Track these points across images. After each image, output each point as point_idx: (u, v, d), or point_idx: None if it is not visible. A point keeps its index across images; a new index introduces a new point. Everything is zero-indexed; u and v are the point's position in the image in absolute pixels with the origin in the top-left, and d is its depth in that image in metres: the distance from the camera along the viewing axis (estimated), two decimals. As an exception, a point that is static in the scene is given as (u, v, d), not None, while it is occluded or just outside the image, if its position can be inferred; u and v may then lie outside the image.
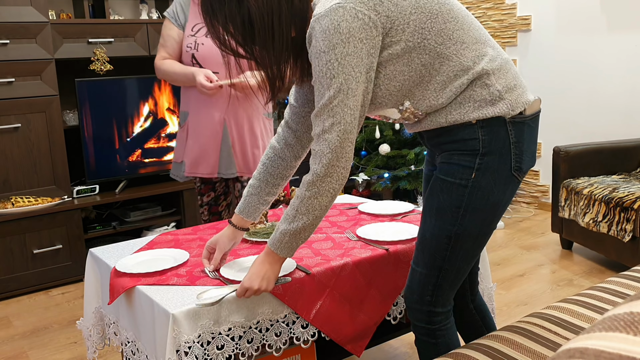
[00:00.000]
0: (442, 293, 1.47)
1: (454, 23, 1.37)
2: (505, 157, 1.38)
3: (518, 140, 1.39)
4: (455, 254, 1.42)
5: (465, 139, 1.38)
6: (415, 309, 1.49)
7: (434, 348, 1.50)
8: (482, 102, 1.35)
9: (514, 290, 2.89)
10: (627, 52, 3.70)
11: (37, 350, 2.53)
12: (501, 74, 1.37)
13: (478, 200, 1.39)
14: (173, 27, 2.45)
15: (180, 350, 1.36)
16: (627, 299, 0.76)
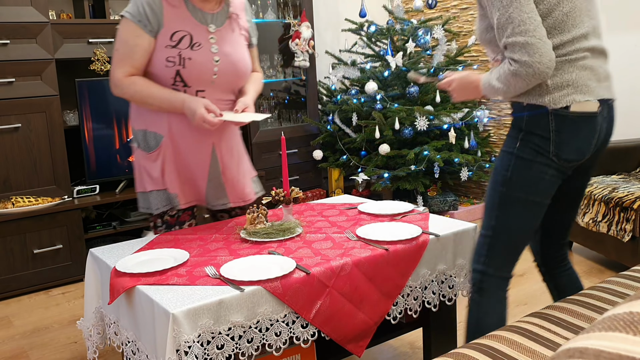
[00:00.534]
0: (495, 254, 1.68)
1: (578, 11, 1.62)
2: (545, 140, 1.61)
3: (559, 129, 1.60)
4: (504, 214, 1.65)
5: (516, 117, 1.66)
6: (473, 268, 1.73)
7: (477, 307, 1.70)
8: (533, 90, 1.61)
9: (514, 290, 2.89)
10: (627, 52, 3.70)
11: (37, 350, 2.53)
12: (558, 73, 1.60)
13: (521, 169, 1.63)
14: (142, 34, 1.94)
15: (180, 350, 1.36)
16: (627, 299, 0.77)
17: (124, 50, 1.95)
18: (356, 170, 4.21)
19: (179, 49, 1.96)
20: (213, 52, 2.01)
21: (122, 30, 1.96)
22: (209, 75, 2.01)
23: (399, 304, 1.75)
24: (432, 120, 3.97)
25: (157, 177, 2.09)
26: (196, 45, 1.98)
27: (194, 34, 1.99)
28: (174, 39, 1.96)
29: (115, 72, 1.96)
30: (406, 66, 4.09)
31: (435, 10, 4.84)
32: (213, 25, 2.03)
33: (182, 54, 1.96)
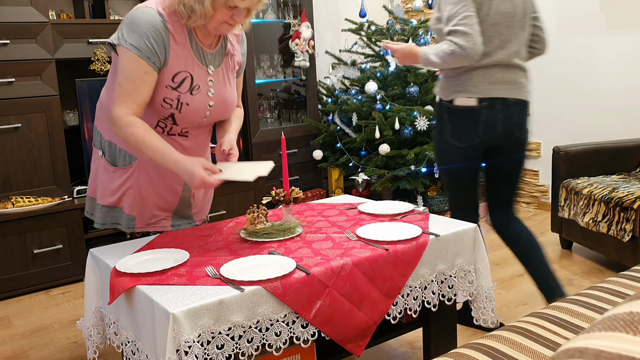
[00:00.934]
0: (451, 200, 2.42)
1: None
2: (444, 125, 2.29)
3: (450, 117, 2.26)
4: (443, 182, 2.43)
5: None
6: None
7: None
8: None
9: (514, 290, 2.89)
10: (627, 52, 3.70)
11: (37, 350, 2.53)
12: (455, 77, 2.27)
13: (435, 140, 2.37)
14: (150, 70, 1.80)
15: (180, 350, 1.36)
16: (627, 298, 0.77)
17: (129, 87, 1.80)
18: (356, 170, 4.21)
19: (178, 92, 1.88)
20: (209, 96, 1.95)
21: (127, 65, 1.80)
22: (200, 118, 1.97)
23: (398, 304, 1.75)
24: (432, 120, 3.97)
25: (114, 192, 2.01)
26: (195, 89, 1.91)
27: (195, 76, 1.90)
28: (176, 80, 1.87)
29: (116, 109, 1.81)
30: (406, 66, 4.09)
31: (435, 10, 4.84)
32: (212, 66, 1.95)
33: (181, 98, 1.88)
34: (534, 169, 4.37)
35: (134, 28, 1.79)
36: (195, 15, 1.79)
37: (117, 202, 2.04)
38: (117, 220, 2.06)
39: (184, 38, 1.86)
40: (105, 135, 2.03)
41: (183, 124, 1.95)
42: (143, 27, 1.78)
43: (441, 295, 1.88)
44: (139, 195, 2.02)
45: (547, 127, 4.24)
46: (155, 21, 1.80)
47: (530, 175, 4.40)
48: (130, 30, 1.80)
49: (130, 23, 1.80)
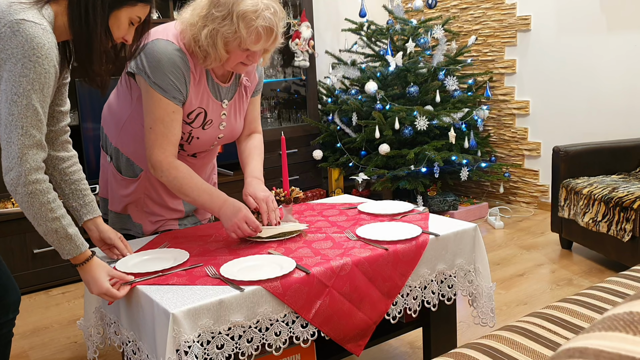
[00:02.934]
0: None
1: None
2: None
3: None
4: None
5: None
6: None
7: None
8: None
9: (514, 289, 2.89)
10: (627, 52, 3.70)
11: (37, 350, 2.53)
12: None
13: None
14: (178, 109, 1.81)
15: (180, 350, 1.36)
16: (627, 298, 0.77)
17: (162, 129, 1.79)
18: (356, 170, 4.21)
19: (191, 127, 1.89)
20: (220, 129, 1.98)
21: (156, 107, 1.79)
22: (207, 147, 2.01)
23: (398, 304, 1.75)
24: (432, 120, 3.97)
25: (122, 201, 2.03)
26: (208, 123, 1.92)
27: (209, 111, 1.91)
28: (191, 117, 1.87)
29: (155, 154, 1.80)
30: (406, 66, 4.09)
31: (435, 10, 4.84)
32: (226, 100, 1.95)
33: (193, 132, 1.91)
34: (534, 168, 4.37)
35: (156, 64, 1.77)
36: (209, 59, 1.78)
37: (124, 210, 2.06)
38: (126, 226, 2.08)
39: (200, 74, 1.86)
40: (112, 140, 2.03)
41: (190, 151, 1.99)
42: (165, 64, 1.77)
43: (441, 295, 1.88)
44: (145, 205, 2.04)
45: (547, 127, 4.24)
46: (177, 59, 1.78)
47: (530, 175, 4.40)
48: (152, 67, 1.77)
49: (151, 57, 1.77)
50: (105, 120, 2.07)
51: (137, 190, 2.02)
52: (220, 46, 1.73)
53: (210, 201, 1.81)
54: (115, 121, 2.00)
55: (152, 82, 1.77)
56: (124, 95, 1.98)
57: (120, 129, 2.00)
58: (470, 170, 4.07)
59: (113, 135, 2.02)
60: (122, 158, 2.01)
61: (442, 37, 4.17)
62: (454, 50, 4.42)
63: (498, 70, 4.47)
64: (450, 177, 4.35)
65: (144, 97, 1.83)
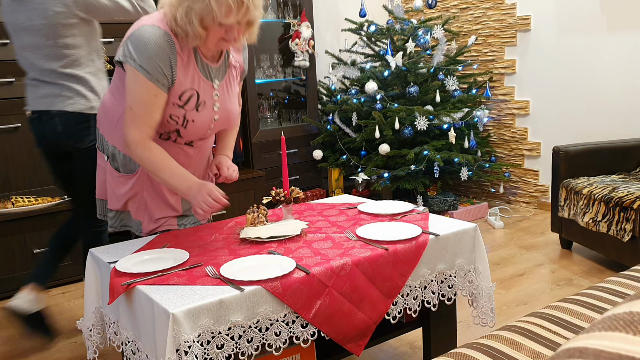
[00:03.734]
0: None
1: None
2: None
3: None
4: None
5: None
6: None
7: None
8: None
9: (514, 289, 2.89)
10: (627, 52, 3.70)
11: (37, 350, 2.53)
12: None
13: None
14: (160, 93, 1.81)
15: (180, 350, 1.36)
16: (627, 298, 0.77)
17: (141, 110, 1.81)
18: (356, 170, 4.21)
19: (185, 109, 1.89)
20: (215, 110, 1.97)
21: (138, 88, 1.80)
22: (204, 132, 1.99)
23: (398, 304, 1.75)
24: (432, 120, 3.97)
25: (121, 198, 2.03)
26: (201, 105, 1.93)
27: (201, 92, 1.91)
28: (182, 98, 1.88)
29: (131, 133, 1.83)
30: (406, 66, 4.09)
31: (435, 10, 4.84)
32: (217, 80, 1.96)
33: (187, 115, 1.90)
34: (534, 168, 4.37)
35: (142, 48, 1.77)
36: (190, 37, 1.79)
37: (124, 207, 2.06)
38: (127, 223, 2.08)
39: (188, 55, 1.87)
40: (108, 139, 2.04)
41: (187, 137, 1.98)
42: (151, 48, 1.77)
43: (441, 295, 1.88)
44: (143, 200, 2.03)
45: (547, 127, 4.24)
46: (163, 42, 1.79)
47: (530, 175, 4.40)
48: (138, 50, 1.78)
49: (137, 42, 1.78)
50: (100, 121, 2.08)
51: (135, 186, 2.02)
52: (195, 23, 1.74)
53: (180, 182, 1.86)
54: (109, 119, 2.01)
55: (137, 65, 1.78)
56: (117, 91, 1.98)
57: (115, 125, 2.00)
58: (470, 170, 4.07)
59: (109, 134, 2.03)
60: (119, 155, 2.02)
61: (442, 37, 4.18)
62: (454, 50, 4.42)
63: (498, 70, 4.47)
64: (450, 177, 4.35)
65: (129, 79, 1.83)
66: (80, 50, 2.35)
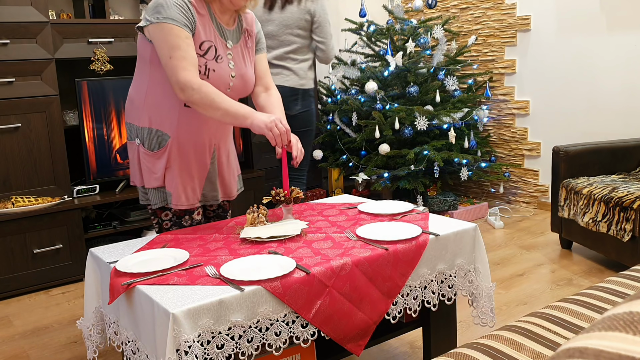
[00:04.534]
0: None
1: None
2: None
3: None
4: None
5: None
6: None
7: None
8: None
9: (514, 289, 2.89)
10: (627, 52, 3.70)
11: (37, 350, 2.53)
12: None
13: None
14: (189, 36, 1.93)
15: (180, 350, 1.37)
16: (627, 298, 0.77)
17: (181, 54, 1.89)
18: (356, 170, 4.21)
19: (206, 59, 1.97)
20: (230, 67, 2.06)
21: (170, 36, 1.89)
22: (224, 88, 2.05)
23: (398, 304, 1.75)
24: (432, 120, 3.97)
25: (159, 175, 2.10)
26: (219, 58, 2.02)
27: (217, 46, 2.02)
28: (202, 48, 1.97)
29: (182, 76, 1.89)
30: (406, 66, 4.09)
31: (435, 10, 4.84)
32: (230, 41, 2.08)
33: (208, 64, 1.98)
34: (533, 168, 4.37)
35: (161, 4, 1.92)
36: None
37: (162, 182, 2.12)
38: (167, 198, 2.14)
39: (205, 12, 2.01)
40: (139, 124, 2.10)
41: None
42: (170, 3, 1.91)
43: (441, 295, 1.88)
44: (176, 170, 2.10)
45: (547, 127, 4.24)
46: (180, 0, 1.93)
47: (530, 175, 4.40)
48: (157, 8, 1.92)
49: (155, 3, 1.93)
50: (128, 113, 2.15)
51: (169, 156, 2.08)
52: None
53: (243, 108, 1.93)
54: (137, 105, 2.10)
55: (161, 18, 1.90)
56: (139, 72, 2.09)
57: (144, 105, 2.08)
58: (470, 170, 4.07)
59: (139, 118, 2.10)
60: (150, 134, 2.08)
61: (442, 37, 4.18)
62: (454, 50, 4.42)
63: (498, 70, 4.47)
64: (450, 177, 4.35)
65: (156, 36, 1.93)
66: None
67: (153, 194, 2.14)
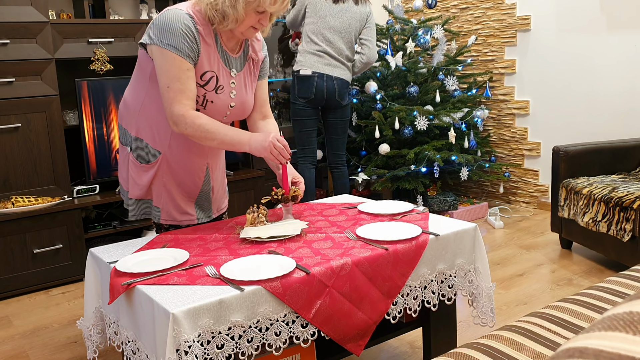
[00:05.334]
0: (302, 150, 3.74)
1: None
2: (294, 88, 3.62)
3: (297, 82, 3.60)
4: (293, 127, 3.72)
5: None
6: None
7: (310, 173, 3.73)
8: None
9: (514, 289, 2.89)
10: (627, 53, 3.70)
11: (37, 350, 2.53)
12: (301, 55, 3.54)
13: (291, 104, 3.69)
14: (191, 67, 1.90)
15: (180, 350, 1.37)
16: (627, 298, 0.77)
17: (179, 86, 1.88)
18: (356, 170, 4.21)
19: (205, 89, 1.96)
20: (231, 97, 2.05)
21: (170, 66, 1.87)
22: (220, 117, 2.05)
23: (398, 304, 1.75)
24: (432, 120, 3.97)
25: (143, 187, 2.09)
26: (220, 88, 2.01)
27: (220, 76, 2.00)
28: (204, 78, 1.96)
29: (176, 109, 1.89)
30: (406, 66, 4.09)
31: (435, 10, 4.84)
32: (235, 70, 2.05)
33: (207, 96, 1.97)
34: (533, 168, 4.37)
35: (167, 28, 1.87)
36: (227, 20, 1.90)
37: (146, 194, 2.12)
38: (147, 211, 2.15)
39: (211, 40, 1.96)
40: (131, 131, 2.09)
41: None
42: (176, 26, 1.86)
43: (441, 294, 1.88)
44: (164, 187, 2.10)
45: (547, 127, 4.24)
46: (187, 21, 1.89)
47: (530, 175, 4.40)
48: (163, 30, 1.87)
49: (162, 24, 1.88)
50: (122, 116, 2.14)
51: (158, 172, 2.08)
52: (241, 6, 1.85)
53: (238, 135, 1.93)
54: (131, 112, 2.08)
55: (165, 44, 1.87)
56: (137, 82, 2.06)
57: (137, 116, 2.06)
58: (470, 170, 4.07)
59: (132, 126, 2.09)
60: (142, 145, 2.07)
61: (442, 37, 4.18)
62: (454, 50, 4.42)
63: (498, 70, 4.47)
64: (450, 177, 4.35)
65: (158, 61, 1.90)
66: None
67: (133, 205, 2.13)
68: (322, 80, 3.51)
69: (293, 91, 3.63)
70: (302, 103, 3.59)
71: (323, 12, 3.53)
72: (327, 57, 3.53)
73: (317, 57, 3.52)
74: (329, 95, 3.55)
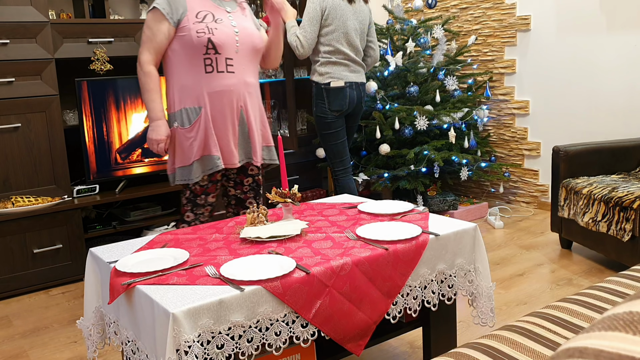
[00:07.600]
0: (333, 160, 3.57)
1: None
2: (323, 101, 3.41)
3: (328, 95, 3.39)
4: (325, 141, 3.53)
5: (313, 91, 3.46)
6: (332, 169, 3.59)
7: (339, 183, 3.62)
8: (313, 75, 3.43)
9: (514, 289, 2.89)
10: (627, 52, 3.70)
11: (37, 350, 2.53)
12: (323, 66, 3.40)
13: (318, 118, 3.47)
14: (165, 22, 2.33)
15: (180, 350, 1.37)
16: (627, 298, 0.77)
17: (149, 33, 2.34)
18: (356, 170, 4.21)
19: (205, 22, 2.33)
20: (233, 25, 2.41)
21: (150, 19, 2.33)
22: (233, 43, 2.38)
23: (398, 304, 1.75)
24: (432, 120, 3.97)
25: (199, 146, 2.38)
26: (218, 20, 2.38)
27: (215, 13, 2.39)
28: (199, 16, 2.34)
29: (143, 54, 2.36)
30: (406, 66, 4.09)
31: (435, 10, 4.84)
32: (229, 7, 2.45)
33: (209, 25, 2.34)
34: (533, 168, 4.37)
35: None
36: None
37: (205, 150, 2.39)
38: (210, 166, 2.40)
39: None
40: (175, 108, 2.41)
41: (223, 50, 2.36)
42: None
43: (441, 294, 1.88)
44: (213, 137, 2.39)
45: (547, 127, 4.24)
46: None
47: (530, 175, 4.40)
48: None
49: None
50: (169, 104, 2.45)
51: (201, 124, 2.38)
52: None
53: (150, 109, 2.38)
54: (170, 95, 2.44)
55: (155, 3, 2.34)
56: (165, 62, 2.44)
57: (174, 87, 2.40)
58: (470, 170, 4.07)
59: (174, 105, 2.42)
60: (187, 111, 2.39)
61: (442, 37, 4.17)
62: (454, 50, 4.42)
63: (498, 70, 4.47)
64: (450, 177, 4.35)
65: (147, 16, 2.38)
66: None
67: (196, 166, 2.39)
68: (352, 89, 3.41)
69: (321, 105, 3.41)
70: (333, 116, 3.41)
71: (344, 15, 3.37)
72: (352, 63, 3.43)
73: (344, 66, 3.40)
74: (358, 102, 3.46)
